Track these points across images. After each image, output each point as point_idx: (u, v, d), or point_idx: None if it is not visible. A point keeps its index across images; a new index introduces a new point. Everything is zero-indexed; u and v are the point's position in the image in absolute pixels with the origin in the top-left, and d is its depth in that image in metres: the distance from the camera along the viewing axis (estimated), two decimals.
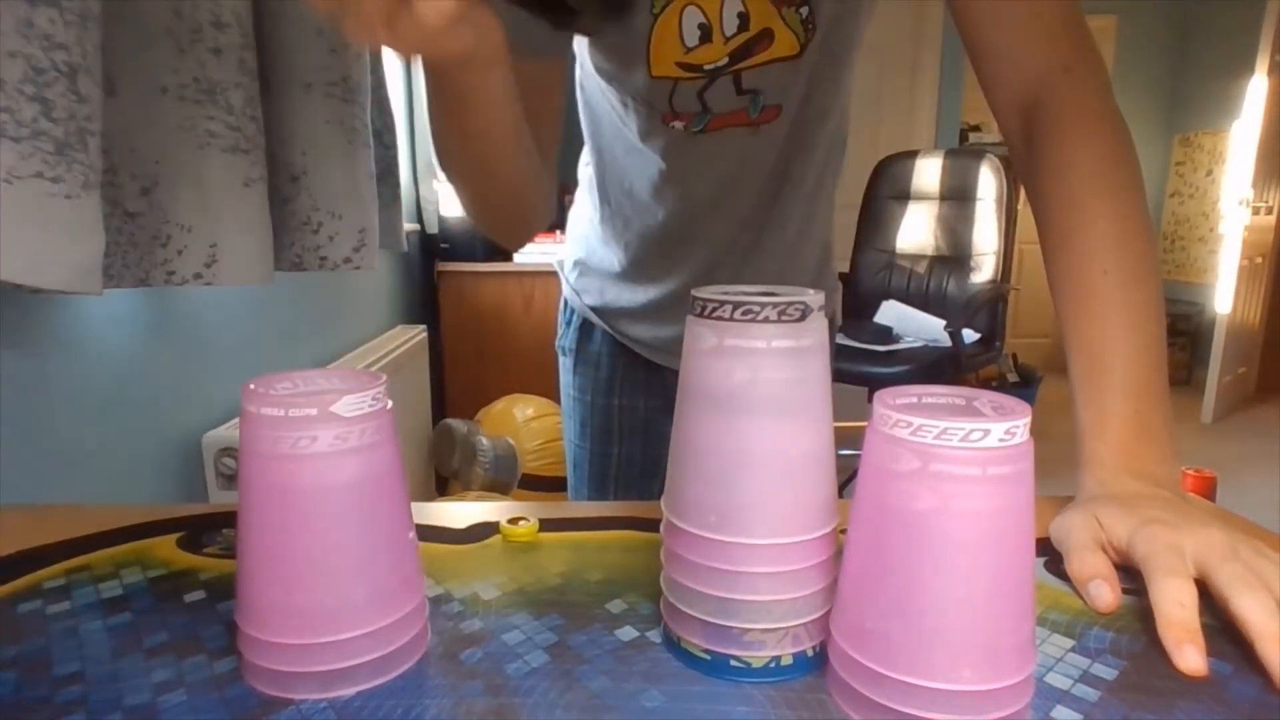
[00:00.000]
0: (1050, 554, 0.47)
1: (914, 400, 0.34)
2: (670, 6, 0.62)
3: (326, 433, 0.34)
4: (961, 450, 0.30)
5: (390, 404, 0.37)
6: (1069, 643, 0.39)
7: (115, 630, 0.40)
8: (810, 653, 0.37)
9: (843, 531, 0.39)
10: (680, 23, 0.63)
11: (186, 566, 0.48)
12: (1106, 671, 0.37)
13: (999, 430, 0.29)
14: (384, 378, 0.38)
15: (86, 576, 0.46)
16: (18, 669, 0.37)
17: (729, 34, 0.63)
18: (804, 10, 0.64)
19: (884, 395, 0.32)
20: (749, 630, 0.36)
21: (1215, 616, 0.40)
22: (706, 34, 0.63)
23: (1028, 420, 0.30)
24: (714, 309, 0.35)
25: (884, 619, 0.32)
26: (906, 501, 0.31)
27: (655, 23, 0.62)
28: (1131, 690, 0.36)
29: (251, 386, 0.35)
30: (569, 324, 0.92)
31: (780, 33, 0.64)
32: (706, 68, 0.65)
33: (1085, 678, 0.37)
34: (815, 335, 0.35)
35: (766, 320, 0.34)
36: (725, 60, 0.65)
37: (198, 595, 0.44)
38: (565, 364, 0.93)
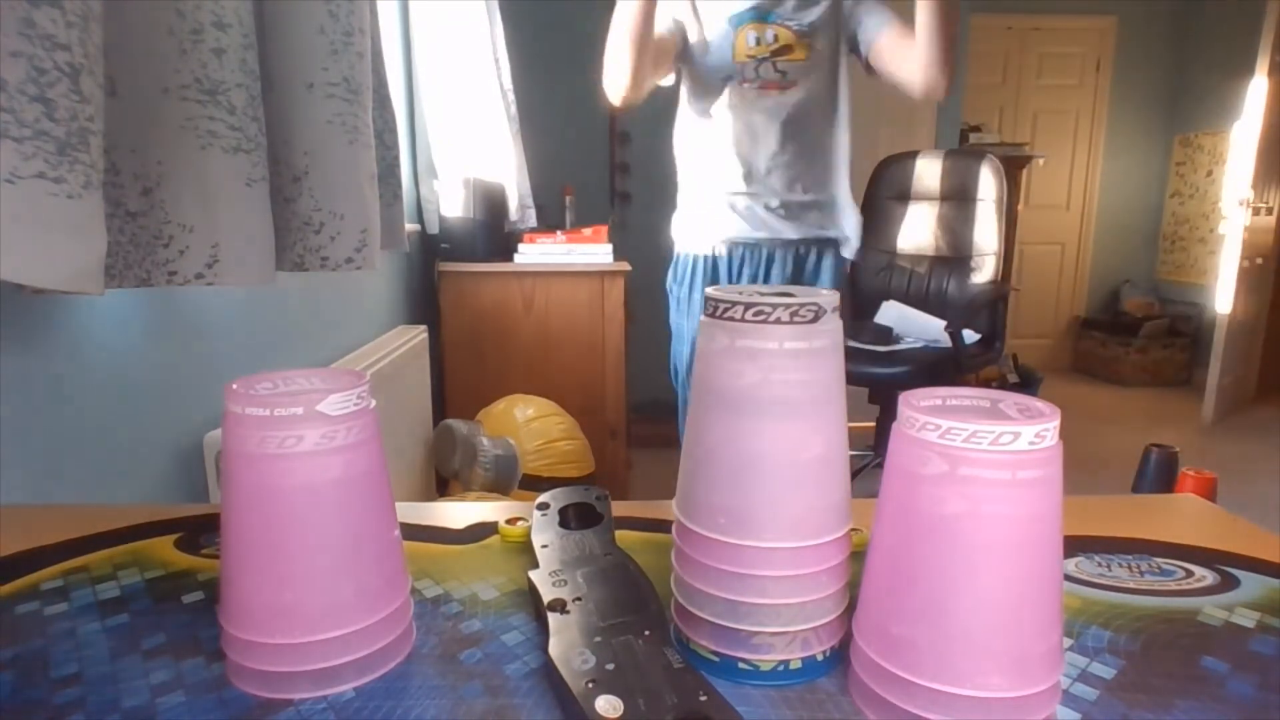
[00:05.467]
0: None
1: (939, 402, 0.34)
2: (740, 28, 1.40)
3: (313, 432, 0.34)
4: (992, 454, 0.29)
5: (374, 403, 0.37)
6: (1068, 641, 0.39)
7: (113, 631, 0.40)
8: (820, 657, 0.37)
9: (855, 531, 0.38)
10: (745, 36, 1.40)
11: (184, 567, 0.48)
12: (1105, 670, 0.37)
13: (1029, 433, 0.29)
14: (367, 376, 0.38)
15: (84, 578, 0.46)
16: (15, 670, 0.37)
17: (769, 43, 1.41)
18: (812, 42, 1.42)
19: (909, 397, 0.32)
20: (758, 633, 0.36)
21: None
22: (758, 42, 1.40)
23: (1057, 423, 0.30)
24: (726, 309, 0.35)
25: (910, 624, 0.32)
26: (935, 505, 0.30)
27: (735, 36, 1.41)
28: (1130, 689, 0.36)
29: (234, 387, 0.35)
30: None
31: (796, 47, 1.42)
32: (759, 57, 1.41)
33: (1084, 676, 0.37)
34: (828, 337, 0.35)
35: (779, 321, 0.34)
36: (768, 55, 1.41)
37: (196, 596, 0.44)
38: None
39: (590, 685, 0.33)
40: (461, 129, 2.24)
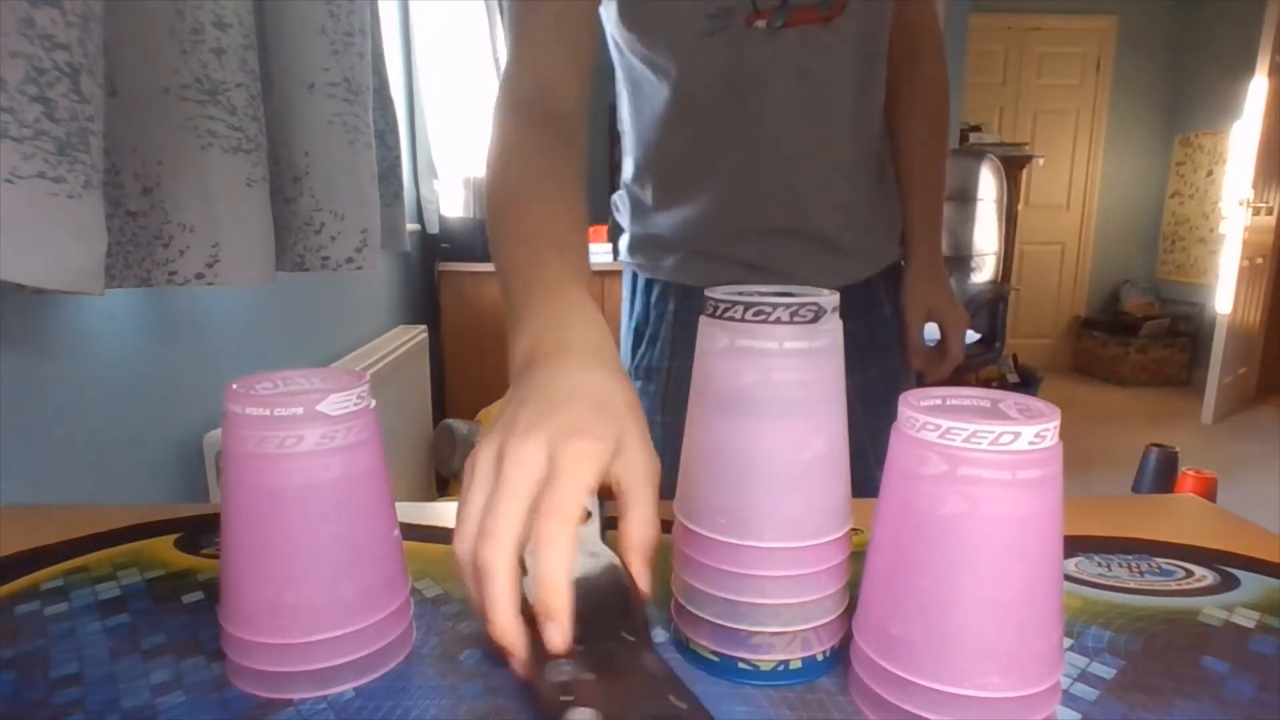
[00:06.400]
0: None
1: (938, 402, 0.33)
2: None
3: (313, 432, 0.34)
4: (991, 454, 0.29)
5: (374, 403, 0.37)
6: (1068, 641, 0.39)
7: (113, 632, 0.40)
8: (820, 657, 0.37)
9: (856, 531, 0.38)
10: None
11: (184, 567, 0.48)
12: (1105, 670, 0.37)
13: (1029, 433, 0.29)
14: (367, 376, 0.38)
15: (84, 578, 0.46)
16: (15, 670, 0.37)
17: None
18: None
19: (909, 397, 0.32)
20: (757, 633, 0.36)
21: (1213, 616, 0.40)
22: None
23: (1057, 423, 0.30)
24: (725, 309, 0.35)
25: (910, 624, 0.32)
26: (934, 505, 0.30)
27: None
28: (1130, 689, 0.36)
29: (234, 387, 0.35)
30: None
31: None
32: None
33: (1084, 676, 0.37)
34: (828, 337, 0.35)
35: (778, 321, 0.34)
36: None
37: (196, 596, 0.44)
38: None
39: (564, 699, 0.32)
40: (461, 129, 2.24)
